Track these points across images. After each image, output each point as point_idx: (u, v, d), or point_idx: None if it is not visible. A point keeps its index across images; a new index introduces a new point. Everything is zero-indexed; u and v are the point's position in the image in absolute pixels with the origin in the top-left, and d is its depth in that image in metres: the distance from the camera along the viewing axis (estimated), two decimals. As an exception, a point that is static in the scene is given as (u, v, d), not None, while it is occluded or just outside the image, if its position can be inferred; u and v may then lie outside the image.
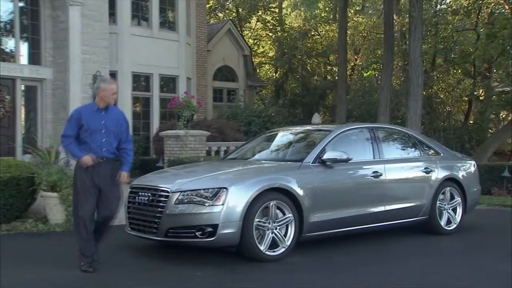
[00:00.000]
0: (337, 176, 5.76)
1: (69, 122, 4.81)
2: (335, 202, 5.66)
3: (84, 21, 12.64)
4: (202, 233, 4.87)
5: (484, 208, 9.60)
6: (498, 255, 5.60)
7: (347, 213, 5.73)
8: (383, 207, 6.07)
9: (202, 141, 11.59)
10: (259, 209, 5.02)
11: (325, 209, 5.54)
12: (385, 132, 6.86)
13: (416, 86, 13.51)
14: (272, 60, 27.79)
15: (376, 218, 6.01)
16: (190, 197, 4.97)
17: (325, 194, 5.55)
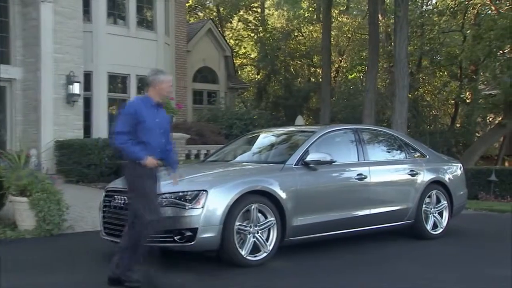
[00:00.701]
0: (321, 179, 5.80)
1: (124, 117, 4.37)
2: (318, 205, 5.69)
3: (57, 19, 12.53)
4: (181, 237, 4.86)
5: (471, 213, 9.75)
6: (485, 260, 5.70)
7: (331, 216, 5.77)
8: (368, 210, 6.12)
9: (182, 144, 11.56)
10: (240, 213, 5.03)
11: (309, 213, 5.57)
12: (370, 133, 6.93)
13: (402, 88, 13.70)
14: (254, 61, 27.89)
15: (360, 222, 6.06)
16: (169, 200, 4.95)
17: (308, 197, 5.58)
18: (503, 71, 14.82)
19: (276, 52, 24.76)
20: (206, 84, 19.58)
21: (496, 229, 8.00)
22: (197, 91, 19.23)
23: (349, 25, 25.34)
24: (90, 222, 7.47)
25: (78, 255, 5.72)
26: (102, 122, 14.18)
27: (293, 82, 25.97)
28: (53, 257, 5.63)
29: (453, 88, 21.12)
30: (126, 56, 14.42)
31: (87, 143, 12.63)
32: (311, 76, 27.62)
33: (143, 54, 14.79)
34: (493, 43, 14.14)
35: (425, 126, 20.99)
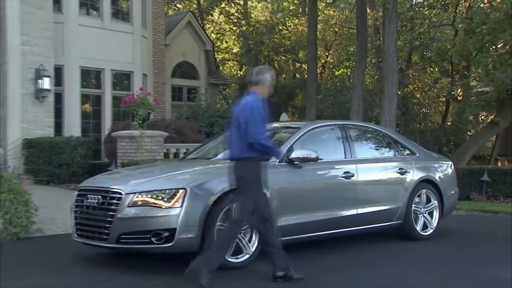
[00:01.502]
0: (306, 177, 5.82)
1: (261, 116, 4.64)
2: (303, 205, 5.72)
3: (24, 8, 12.39)
4: (159, 238, 4.84)
5: (463, 214, 9.88)
6: (477, 261, 5.78)
7: (316, 216, 5.79)
8: (355, 210, 6.16)
9: (160, 143, 11.52)
10: (221, 212, 5.02)
11: (293, 212, 5.59)
12: (358, 130, 6.99)
13: (391, 84, 13.81)
14: (236, 56, 27.90)
15: (347, 222, 6.10)
16: (145, 199, 4.95)
17: (292, 196, 5.60)
18: (496, 67, 15.02)
19: (260, 46, 24.82)
20: (186, 79, 19.54)
21: (488, 230, 8.11)
22: (176, 87, 19.17)
23: (336, 19, 25.51)
24: (62, 224, 7.41)
25: (46, 259, 5.66)
26: (74, 119, 14.07)
27: (278, 78, 25.99)
28: (19, 261, 5.56)
29: (444, 84, 21.38)
30: (100, 50, 14.32)
31: (58, 141, 12.53)
32: (296, 72, 27.73)
33: (119, 47, 14.71)
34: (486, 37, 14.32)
35: (415, 124, 21.21)
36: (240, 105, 4.82)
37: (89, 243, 5.30)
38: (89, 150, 13.02)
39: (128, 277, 4.94)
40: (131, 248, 5.04)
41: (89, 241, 5.28)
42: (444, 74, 21.83)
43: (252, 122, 4.61)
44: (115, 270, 5.17)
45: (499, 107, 16.75)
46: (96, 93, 14.71)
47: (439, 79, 22.04)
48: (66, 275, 5.05)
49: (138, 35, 15.34)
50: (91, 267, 5.34)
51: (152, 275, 4.96)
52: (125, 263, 5.42)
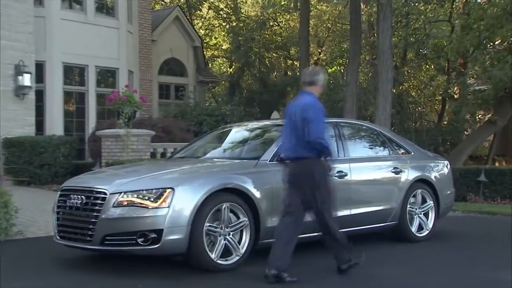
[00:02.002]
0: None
1: (323, 115, 4.95)
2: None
3: (3, 1, 12.30)
4: (145, 239, 4.84)
5: (459, 215, 9.94)
6: (474, 263, 5.82)
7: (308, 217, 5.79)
8: (348, 211, 6.18)
9: (146, 142, 11.51)
10: (210, 213, 5.04)
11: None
12: (352, 128, 7.02)
13: (385, 82, 13.87)
14: (226, 53, 27.88)
15: (340, 223, 6.10)
16: (131, 199, 4.94)
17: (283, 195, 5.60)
18: (493, 65, 15.11)
19: (250, 43, 24.80)
20: (174, 77, 19.49)
21: (486, 231, 8.17)
22: (163, 85, 19.12)
23: (329, 14, 25.57)
24: (43, 226, 7.38)
25: (27, 262, 5.63)
26: (57, 117, 14.00)
27: (269, 76, 26.06)
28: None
29: (440, 82, 21.49)
30: (83, 45, 14.26)
31: (40, 140, 12.46)
32: (288, 69, 27.75)
33: (103, 43, 14.66)
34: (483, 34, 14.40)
35: (410, 123, 21.31)
36: (300, 105, 5.02)
37: (72, 245, 5.28)
38: (72, 149, 12.96)
39: (113, 280, 4.92)
40: (116, 250, 5.03)
41: (72, 243, 5.26)
42: (440, 72, 21.94)
43: (315, 121, 4.86)
44: (99, 273, 5.15)
45: (496, 106, 16.87)
46: (80, 90, 14.64)
47: (435, 76, 22.16)
48: (48, 278, 5.02)
49: (123, 30, 15.29)
50: (75, 270, 5.31)
51: (138, 278, 4.95)
52: (109, 266, 5.41)
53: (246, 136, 6.80)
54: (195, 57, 20.17)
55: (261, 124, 7.19)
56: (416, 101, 22.35)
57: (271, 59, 26.81)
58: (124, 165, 7.19)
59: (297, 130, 4.92)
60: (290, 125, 5.02)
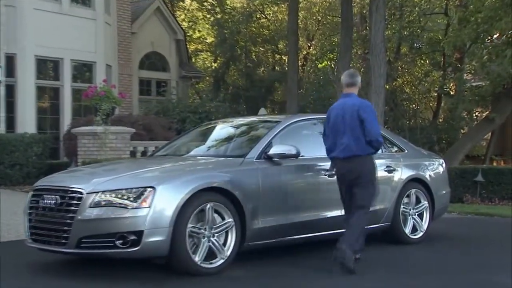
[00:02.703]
0: (287, 175, 5.87)
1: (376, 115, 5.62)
2: (284, 205, 5.75)
3: (-30, -10, 12.19)
4: (124, 242, 4.83)
5: (455, 217, 10.03)
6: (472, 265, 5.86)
7: (297, 218, 5.84)
8: (339, 211, 6.21)
9: (126, 140, 11.49)
10: (193, 213, 5.04)
11: (272, 213, 5.63)
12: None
13: (378, 77, 13.93)
14: (210, 47, 27.87)
15: (331, 223, 6.15)
16: (109, 198, 4.93)
17: (272, 195, 5.64)
18: (492, 59, 15.24)
19: (236, 36, 24.83)
20: (155, 72, 19.47)
21: (483, 234, 8.24)
22: (144, 80, 19.09)
23: (319, 6, 25.65)
24: (14, 230, 7.34)
25: (1, 267, 5.59)
26: (29, 114, 13.91)
27: (255, 71, 26.08)
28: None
29: (435, 78, 21.61)
30: (58, 37, 14.18)
31: (11, 139, 12.39)
32: (275, 64, 27.81)
33: (79, 35, 14.59)
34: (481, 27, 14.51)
35: (404, 121, 21.42)
36: (353, 106, 5.54)
37: (46, 248, 5.25)
38: (46, 148, 12.90)
39: (90, 285, 4.90)
40: (93, 253, 5.01)
41: (45, 246, 5.22)
42: (435, 67, 22.06)
43: (373, 121, 5.50)
44: (75, 278, 5.13)
45: (494, 102, 17.02)
46: (54, 85, 14.55)
47: (430, 72, 22.27)
48: (21, 285, 4.98)
49: (101, 21, 15.22)
50: (49, 275, 5.28)
51: (117, 283, 4.94)
52: (86, 270, 5.39)
53: (232, 132, 6.80)
54: (177, 51, 20.15)
55: (247, 120, 7.21)
56: (410, 97, 22.46)
57: (258, 53, 26.84)
58: (102, 163, 7.17)
59: (353, 130, 5.49)
60: (343, 125, 5.54)
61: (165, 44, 19.66)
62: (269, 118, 7.14)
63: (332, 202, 6.16)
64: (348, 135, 5.49)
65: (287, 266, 5.65)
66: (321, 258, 5.99)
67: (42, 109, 14.38)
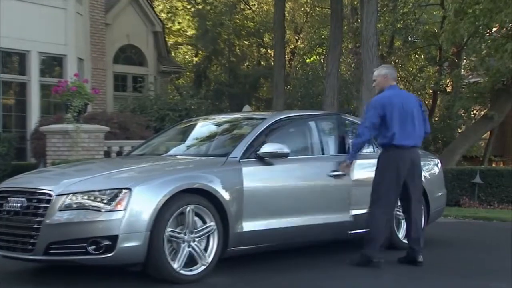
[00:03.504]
0: (274, 175, 5.86)
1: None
2: (271, 209, 5.75)
3: None
4: (97, 247, 4.81)
5: (452, 221, 10.13)
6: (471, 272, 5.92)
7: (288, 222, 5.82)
8: (337, 215, 6.35)
9: (99, 139, 11.41)
10: (172, 216, 5.03)
11: (259, 217, 5.63)
12: (331, 122, 7.05)
13: (370, 72, 13.90)
14: (191, 40, 27.79)
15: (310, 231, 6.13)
16: (81, 201, 4.90)
17: (258, 197, 5.64)
18: (491, 54, 15.35)
19: (218, 28, 24.78)
20: (131, 66, 19.37)
21: (481, 238, 8.33)
22: (119, 75, 18.98)
23: (307, -4, 25.72)
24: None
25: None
26: (-9, 111, 13.75)
27: (240, 66, 26.06)
28: None
29: (430, 74, 21.76)
30: (24, 28, 14.00)
31: (-28, 138, 12.23)
32: (261, 59, 27.81)
33: (48, 25, 14.44)
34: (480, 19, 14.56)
35: (398, 119, 21.53)
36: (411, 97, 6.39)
37: (11, 255, 5.19)
38: (11, 148, 12.74)
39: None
40: (63, 260, 4.98)
41: (10, 253, 5.17)
42: (431, 62, 22.22)
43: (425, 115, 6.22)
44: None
45: (493, 99, 17.17)
46: (20, 80, 14.37)
47: (425, 67, 22.43)
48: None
49: (71, 11, 15.08)
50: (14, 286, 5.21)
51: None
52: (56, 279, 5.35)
53: (214, 130, 6.83)
54: (155, 44, 20.06)
55: (231, 118, 7.23)
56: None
57: (242, 47, 26.83)
58: (73, 163, 7.12)
59: (419, 120, 6.15)
60: (411, 114, 6.08)
61: (142, 37, 19.55)
62: (253, 115, 7.15)
63: (330, 205, 6.18)
64: (417, 124, 6.11)
65: (273, 272, 5.65)
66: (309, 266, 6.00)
67: (7, 105, 14.20)
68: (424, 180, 7.21)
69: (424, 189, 7.16)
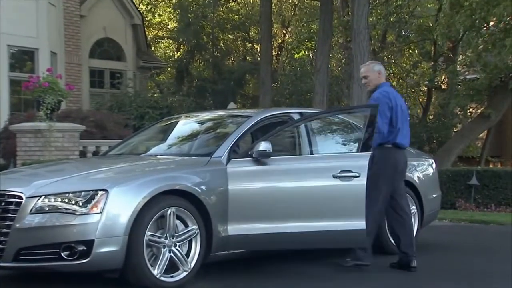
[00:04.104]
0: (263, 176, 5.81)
1: None
2: (260, 211, 5.69)
3: None
4: (71, 253, 4.77)
5: (447, 224, 10.19)
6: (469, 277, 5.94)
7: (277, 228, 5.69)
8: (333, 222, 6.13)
9: (74, 138, 11.38)
10: (152, 219, 5.01)
11: (245, 221, 5.58)
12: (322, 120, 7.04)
13: (362, 68, 14.03)
14: (172, 33, 27.76)
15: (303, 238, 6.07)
16: (54, 203, 4.86)
17: (244, 199, 5.61)
18: (488, 49, 15.46)
19: (201, 21, 24.79)
20: (108, 61, 19.31)
21: (478, 242, 8.37)
22: (95, 70, 18.92)
23: (295, -12, 25.79)
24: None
25: None
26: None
27: (224, 62, 26.09)
28: None
29: (425, 70, 21.88)
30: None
31: None
32: (247, 54, 27.89)
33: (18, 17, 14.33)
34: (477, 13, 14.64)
35: (391, 118, 21.62)
36: (400, 95, 6.48)
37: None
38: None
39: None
40: (34, 267, 4.93)
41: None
42: (425, 57, 22.36)
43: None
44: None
45: (490, 97, 17.28)
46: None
47: (419, 63, 22.57)
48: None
49: (43, 1, 14.99)
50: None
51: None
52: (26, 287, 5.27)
53: (197, 129, 6.79)
54: (134, 38, 20.02)
55: (214, 115, 7.23)
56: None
57: (227, 41, 26.86)
58: (45, 164, 7.07)
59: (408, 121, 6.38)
60: (405, 113, 6.35)
61: (120, 30, 19.48)
62: (239, 113, 7.12)
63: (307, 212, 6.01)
64: (407, 126, 6.36)
65: (259, 279, 5.64)
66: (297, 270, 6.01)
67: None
68: (418, 181, 7.30)
69: (418, 191, 7.25)
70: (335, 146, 6.66)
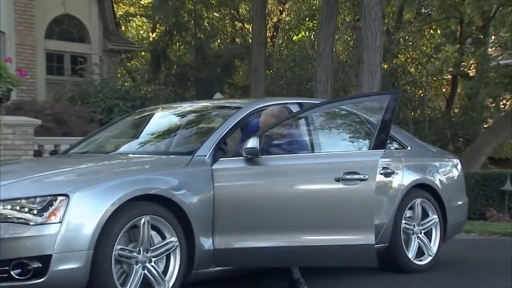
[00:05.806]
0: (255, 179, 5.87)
1: None
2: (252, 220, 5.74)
3: None
4: (23, 271, 4.78)
5: (475, 238, 10.21)
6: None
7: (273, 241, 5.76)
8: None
9: (28, 135, 11.34)
10: (122, 230, 5.03)
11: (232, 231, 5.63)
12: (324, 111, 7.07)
13: (373, 51, 14.07)
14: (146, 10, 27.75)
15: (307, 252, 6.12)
16: (3, 211, 4.85)
17: (233, 206, 5.64)
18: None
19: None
20: (69, 42, 19.22)
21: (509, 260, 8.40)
22: (53, 54, 18.84)
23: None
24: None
25: None
26: None
27: (209, 44, 26.07)
28: None
29: (449, 54, 21.93)
30: None
31: None
32: (236, 35, 27.87)
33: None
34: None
35: (408, 111, 21.68)
36: None
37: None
38: None
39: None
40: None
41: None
42: (449, 39, 22.36)
43: None
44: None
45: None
46: None
47: (443, 46, 22.56)
48: None
49: (-9, -28, 14.98)
50: None
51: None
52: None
53: (176, 123, 6.82)
54: (101, 15, 19.96)
55: (198, 107, 7.24)
56: (415, 80, 22.74)
57: (212, 20, 26.85)
58: (-6, 164, 7.07)
59: None
60: None
61: (83, 5, 19.41)
62: (227, 104, 7.16)
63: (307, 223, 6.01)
64: None
65: None
66: None
67: None
68: (440, 185, 7.35)
69: (440, 197, 7.29)
70: (341, 143, 6.72)
